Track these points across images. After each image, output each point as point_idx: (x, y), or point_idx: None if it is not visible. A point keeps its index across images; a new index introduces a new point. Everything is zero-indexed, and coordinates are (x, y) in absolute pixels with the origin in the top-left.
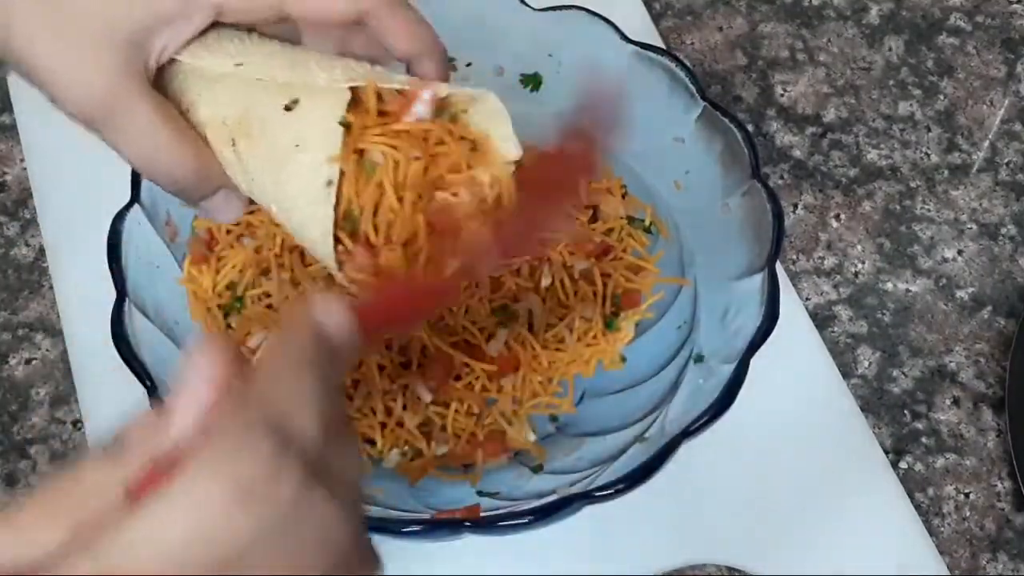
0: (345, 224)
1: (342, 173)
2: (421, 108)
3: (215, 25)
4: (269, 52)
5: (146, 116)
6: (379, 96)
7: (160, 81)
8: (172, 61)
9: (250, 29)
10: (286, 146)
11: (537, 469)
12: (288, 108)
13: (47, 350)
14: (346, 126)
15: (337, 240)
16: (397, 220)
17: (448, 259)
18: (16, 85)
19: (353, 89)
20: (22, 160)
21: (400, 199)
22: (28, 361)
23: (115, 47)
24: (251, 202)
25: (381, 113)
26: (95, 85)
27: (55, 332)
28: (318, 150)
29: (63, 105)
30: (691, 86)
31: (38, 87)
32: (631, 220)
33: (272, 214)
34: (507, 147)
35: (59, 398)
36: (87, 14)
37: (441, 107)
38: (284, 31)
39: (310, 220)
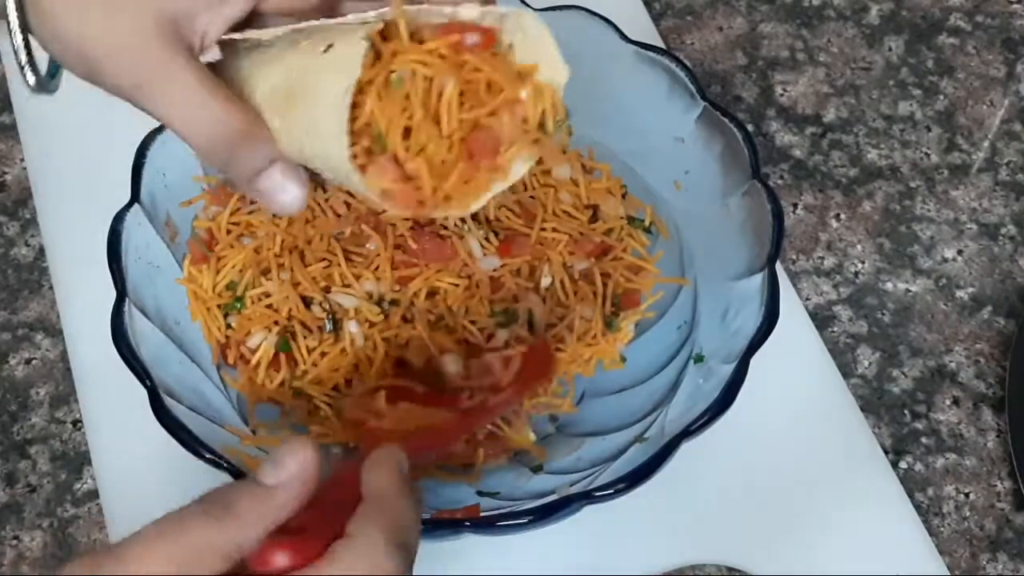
0: (375, 145)
1: (362, 88)
2: (471, 39)
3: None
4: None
5: (190, 80)
6: (417, 33)
7: (221, 71)
8: (227, 48)
9: None
10: (318, 84)
11: (537, 469)
12: (324, 52)
13: (47, 350)
14: (370, 42)
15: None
16: (428, 140)
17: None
18: (16, 84)
19: (388, 26)
20: (22, 160)
21: (436, 120)
22: (28, 361)
23: (158, 24)
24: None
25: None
26: (138, 50)
27: (55, 332)
28: (344, 70)
29: (107, 74)
30: (691, 86)
31: (82, 59)
32: (631, 220)
33: (315, 167)
34: (554, 69)
35: (59, 398)
36: None
37: (487, 43)
38: None
39: (329, 136)
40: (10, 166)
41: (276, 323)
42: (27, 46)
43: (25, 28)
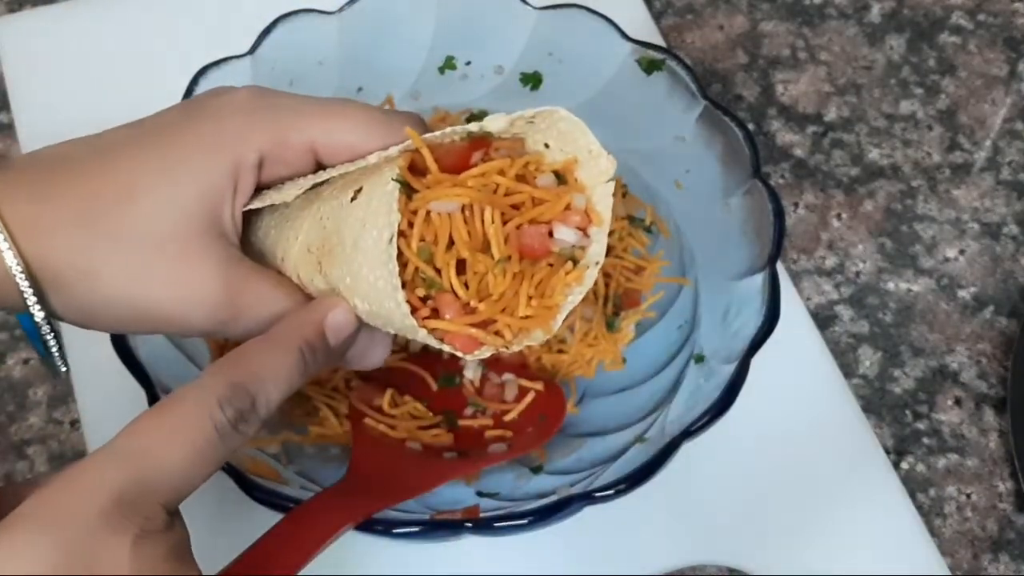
0: (426, 285)
1: (402, 233)
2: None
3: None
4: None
5: (267, 290)
6: (445, 159)
7: (246, 247)
8: (250, 223)
9: None
10: (355, 234)
11: (537, 470)
12: (353, 199)
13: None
14: (401, 183)
15: (416, 309)
16: (485, 268)
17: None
18: (15, 84)
19: (415, 159)
20: None
21: (484, 244)
22: (26, 361)
23: (215, 239)
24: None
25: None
26: (209, 288)
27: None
28: (380, 218)
29: (184, 326)
30: (692, 85)
31: (145, 321)
32: (631, 220)
33: (362, 314)
34: (598, 163)
35: (57, 398)
36: (150, 227)
37: (514, 148)
38: None
39: (382, 295)
40: None
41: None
42: (55, 336)
43: (50, 317)
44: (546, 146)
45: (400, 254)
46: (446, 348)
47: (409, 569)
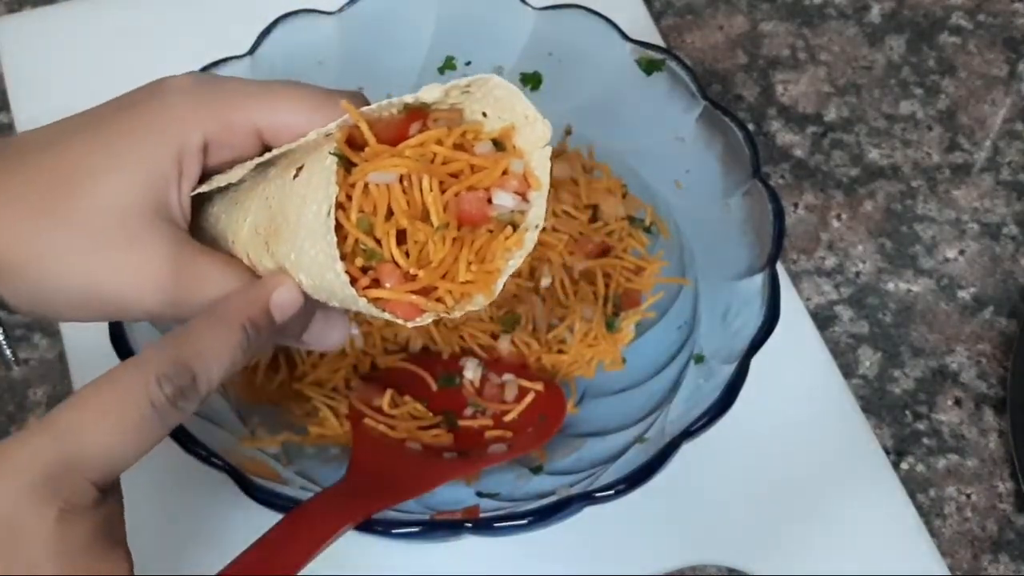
0: (370, 262)
1: (342, 206)
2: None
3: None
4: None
5: (216, 270)
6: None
7: (202, 237)
8: (200, 210)
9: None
10: (297, 210)
11: (537, 470)
12: (295, 176)
13: (45, 350)
14: (339, 157)
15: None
16: (425, 237)
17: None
18: (15, 84)
19: (353, 133)
20: None
21: (423, 213)
22: (25, 361)
23: (149, 225)
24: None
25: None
26: (158, 270)
27: (53, 332)
28: (319, 192)
29: (134, 308)
30: (691, 85)
31: (95, 305)
32: (631, 220)
33: (307, 289)
34: (534, 129)
35: (57, 399)
36: (98, 214)
37: (452, 118)
38: None
39: (323, 267)
40: None
41: None
42: (4, 331)
43: (3, 308)
44: (484, 115)
45: (340, 227)
46: (387, 317)
47: (409, 569)
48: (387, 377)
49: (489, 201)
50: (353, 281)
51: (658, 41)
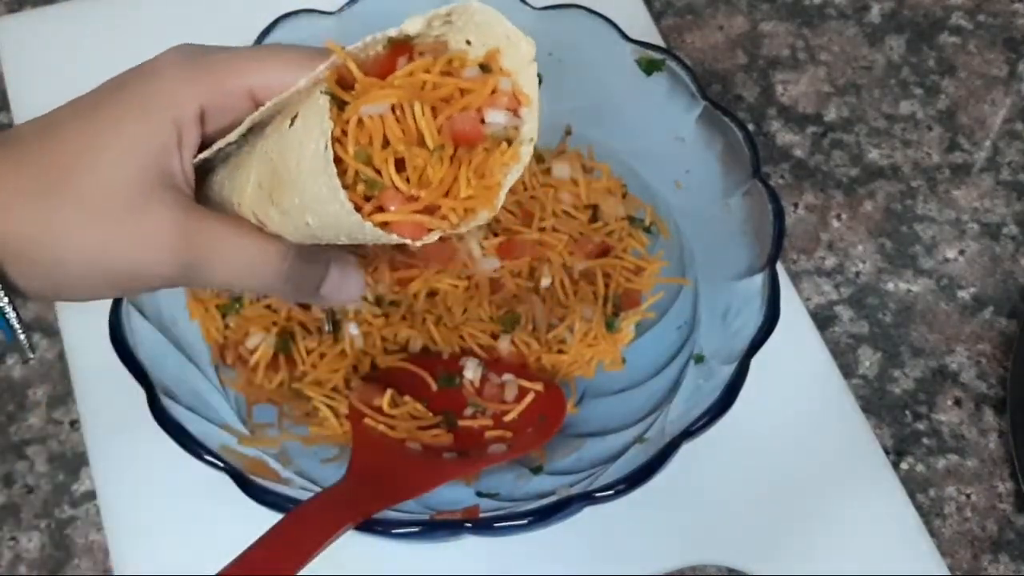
0: (371, 190)
1: (338, 141)
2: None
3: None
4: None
5: (225, 229)
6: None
7: (208, 206)
8: (204, 180)
9: None
10: (296, 155)
11: (537, 470)
12: (291, 125)
13: (45, 350)
14: (331, 95)
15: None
16: (424, 161)
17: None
18: (15, 84)
19: (342, 74)
20: None
21: (419, 139)
22: (25, 361)
23: (168, 189)
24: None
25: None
26: (168, 235)
27: (53, 332)
28: (315, 131)
29: (146, 276)
30: (691, 85)
31: (107, 279)
32: (631, 220)
33: (329, 240)
34: (518, 48)
35: (57, 398)
36: (103, 189)
37: (437, 50)
38: None
39: (326, 201)
40: None
41: (275, 324)
42: (19, 317)
43: (19, 296)
44: (468, 43)
45: (340, 161)
46: (395, 239)
47: (409, 569)
48: (387, 377)
49: (482, 121)
50: (357, 209)
51: (658, 41)
